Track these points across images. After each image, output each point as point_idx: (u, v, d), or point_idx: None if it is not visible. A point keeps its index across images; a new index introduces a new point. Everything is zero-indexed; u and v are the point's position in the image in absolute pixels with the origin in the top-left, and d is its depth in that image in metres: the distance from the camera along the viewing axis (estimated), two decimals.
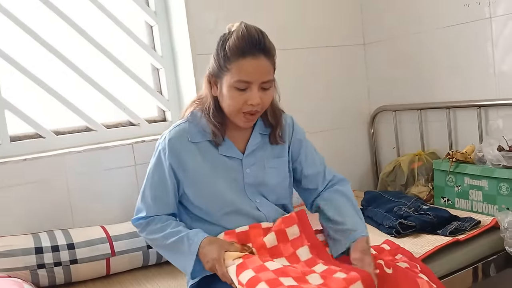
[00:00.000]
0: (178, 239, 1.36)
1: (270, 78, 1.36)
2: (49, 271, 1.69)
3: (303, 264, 1.32)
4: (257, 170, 1.45)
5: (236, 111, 1.37)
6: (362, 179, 2.81)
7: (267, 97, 1.37)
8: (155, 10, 2.32)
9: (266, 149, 1.48)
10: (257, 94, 1.34)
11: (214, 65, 1.39)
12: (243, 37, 1.31)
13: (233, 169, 1.43)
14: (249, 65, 1.31)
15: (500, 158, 2.00)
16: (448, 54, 2.36)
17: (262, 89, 1.35)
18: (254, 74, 1.32)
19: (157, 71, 2.39)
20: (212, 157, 1.43)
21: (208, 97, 1.43)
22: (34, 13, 2.07)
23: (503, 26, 2.12)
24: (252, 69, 1.32)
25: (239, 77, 1.32)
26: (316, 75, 2.62)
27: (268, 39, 1.36)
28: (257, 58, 1.32)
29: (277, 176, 1.49)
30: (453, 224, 1.89)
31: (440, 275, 1.72)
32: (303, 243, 1.37)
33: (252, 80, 1.33)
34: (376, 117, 2.77)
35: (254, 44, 1.32)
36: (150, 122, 2.34)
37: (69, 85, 2.15)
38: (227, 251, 1.30)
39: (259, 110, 1.37)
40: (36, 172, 1.91)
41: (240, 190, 1.44)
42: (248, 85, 1.33)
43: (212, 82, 1.41)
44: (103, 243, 1.78)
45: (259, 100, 1.34)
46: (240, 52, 1.31)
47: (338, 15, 2.69)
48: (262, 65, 1.33)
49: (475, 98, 2.25)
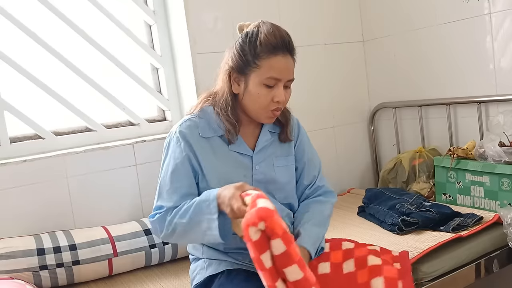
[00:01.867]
0: (195, 207, 1.29)
1: (293, 77, 1.40)
2: (51, 272, 1.68)
3: None
4: (265, 167, 1.45)
5: (262, 108, 1.37)
6: (362, 177, 2.81)
7: (288, 95, 1.41)
8: (154, 9, 2.31)
9: (275, 147, 1.49)
10: (283, 91, 1.37)
11: (239, 60, 1.36)
12: (274, 35, 1.33)
13: (243, 165, 1.43)
14: (280, 62, 1.33)
15: (501, 153, 1.99)
16: (447, 51, 2.36)
17: (285, 87, 1.39)
18: (284, 72, 1.35)
19: (156, 70, 2.39)
20: (223, 153, 1.42)
21: (225, 93, 1.41)
22: (33, 14, 2.06)
23: (502, 22, 2.12)
24: (283, 67, 1.34)
25: (270, 74, 1.33)
26: (315, 73, 2.62)
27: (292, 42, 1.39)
28: (286, 57, 1.35)
29: (286, 174, 1.49)
30: (456, 220, 1.89)
31: (443, 271, 1.73)
32: None
33: (282, 78, 1.35)
34: (376, 114, 2.77)
35: (284, 43, 1.34)
36: (150, 122, 2.33)
37: (68, 85, 2.14)
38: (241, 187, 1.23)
39: (282, 107, 1.41)
40: (37, 173, 1.90)
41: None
42: (276, 82, 1.35)
43: (233, 79, 1.39)
44: (105, 244, 1.77)
45: (283, 97, 1.37)
46: (272, 48, 1.32)
47: (337, 12, 2.69)
48: (290, 64, 1.36)
49: (475, 94, 2.26)
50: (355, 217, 2.20)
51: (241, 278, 1.34)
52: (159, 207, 1.37)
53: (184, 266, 1.84)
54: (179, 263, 1.90)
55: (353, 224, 2.10)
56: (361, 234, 1.96)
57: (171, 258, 1.90)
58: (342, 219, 2.19)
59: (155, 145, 2.12)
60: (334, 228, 2.05)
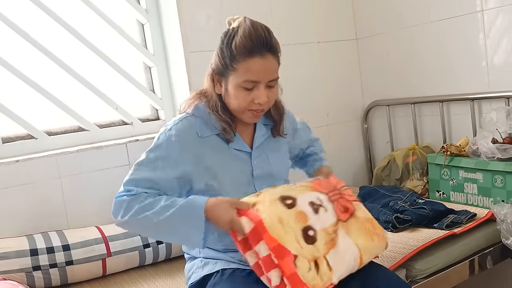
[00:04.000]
0: (177, 209, 1.23)
1: (276, 76, 1.35)
2: (45, 273, 1.67)
3: None
4: (263, 162, 1.45)
5: (242, 109, 1.35)
6: (356, 174, 2.82)
7: (273, 94, 1.37)
8: (146, 8, 2.30)
9: (270, 141, 1.50)
10: (264, 93, 1.32)
11: (219, 63, 1.35)
12: (250, 36, 1.29)
13: (242, 161, 1.43)
14: (256, 65, 1.29)
15: (494, 150, 2.00)
16: (440, 48, 2.37)
17: (268, 87, 1.34)
18: (262, 74, 1.30)
19: (149, 69, 2.38)
20: (222, 151, 1.40)
21: (212, 94, 1.40)
22: (24, 13, 2.04)
23: (494, 19, 2.13)
24: (260, 69, 1.30)
25: (246, 77, 1.30)
26: (308, 71, 2.62)
27: (274, 36, 1.34)
28: (264, 57, 1.30)
29: (281, 166, 1.51)
30: (449, 217, 1.89)
31: (437, 268, 1.73)
32: None
33: (260, 80, 1.31)
34: (370, 112, 2.77)
35: (261, 43, 1.29)
36: (143, 121, 2.32)
37: (60, 85, 2.13)
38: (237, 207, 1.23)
39: (265, 107, 1.37)
40: (29, 173, 1.89)
41: (249, 182, 1.43)
42: (255, 84, 1.32)
43: (215, 80, 1.38)
44: (99, 244, 1.77)
45: (266, 99, 1.33)
46: (247, 52, 1.28)
47: (330, 10, 2.69)
48: (269, 64, 1.31)
49: (468, 91, 2.26)
50: None
51: (237, 277, 1.33)
52: (129, 190, 1.28)
53: (178, 266, 1.83)
54: (173, 262, 1.89)
55: None
56: None
57: (165, 258, 1.90)
58: None
59: (149, 145, 2.09)
60: None
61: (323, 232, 1.24)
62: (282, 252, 1.15)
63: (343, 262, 1.22)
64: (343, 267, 1.22)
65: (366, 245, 1.28)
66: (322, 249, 1.21)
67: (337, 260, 1.21)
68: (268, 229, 1.17)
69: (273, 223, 1.18)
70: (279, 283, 1.15)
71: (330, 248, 1.22)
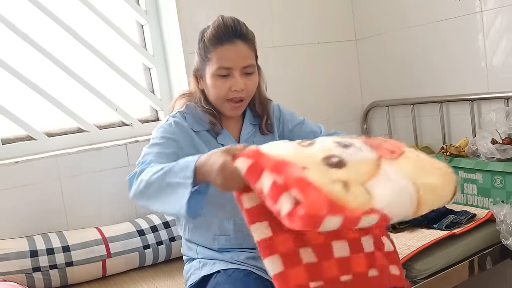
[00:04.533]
0: (167, 169, 1.15)
1: (251, 63, 1.38)
2: (45, 274, 1.67)
3: None
4: None
5: (221, 99, 1.38)
6: None
7: (251, 82, 1.39)
8: (145, 9, 2.30)
9: (257, 138, 1.49)
10: (240, 79, 1.36)
11: (197, 59, 1.43)
12: (219, 26, 1.35)
13: None
14: (227, 51, 1.34)
15: (494, 151, 2.00)
16: (440, 48, 2.37)
17: (245, 74, 1.37)
18: (234, 60, 1.34)
19: (149, 70, 2.38)
20: (212, 146, 1.41)
21: (197, 92, 1.46)
22: (23, 14, 2.04)
23: (493, 19, 2.13)
24: (231, 55, 1.34)
25: (219, 64, 1.35)
26: (308, 71, 2.62)
27: (245, 26, 1.38)
28: (235, 44, 1.34)
29: None
30: (449, 218, 1.89)
31: (436, 269, 1.73)
32: None
33: (232, 66, 1.35)
34: (369, 112, 2.77)
35: (230, 31, 1.34)
36: (143, 122, 2.32)
37: (60, 86, 2.13)
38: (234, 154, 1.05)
39: (244, 96, 1.38)
40: (29, 174, 1.89)
41: None
42: (229, 71, 1.35)
43: (198, 77, 1.45)
44: (99, 245, 1.77)
45: (243, 86, 1.36)
46: (217, 40, 1.34)
47: (329, 11, 2.69)
48: (241, 50, 1.35)
49: (467, 92, 2.26)
50: None
51: (235, 277, 1.33)
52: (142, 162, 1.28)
53: (178, 267, 1.83)
54: (173, 263, 1.89)
55: None
56: None
57: (165, 259, 1.90)
58: None
59: None
60: None
61: (357, 163, 0.96)
62: (287, 165, 0.89)
63: (392, 193, 0.91)
64: (393, 199, 0.91)
65: (425, 182, 0.96)
66: (356, 176, 0.92)
67: (382, 189, 0.91)
68: (271, 157, 0.94)
69: (279, 155, 0.94)
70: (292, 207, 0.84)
71: (370, 178, 0.93)
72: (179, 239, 1.58)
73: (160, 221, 1.91)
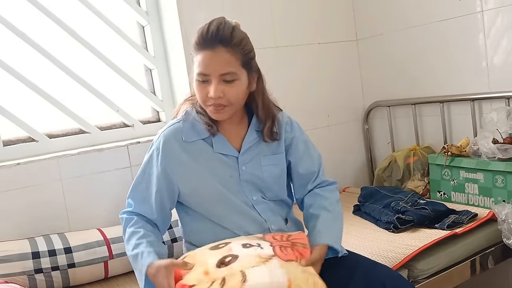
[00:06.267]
0: (134, 255, 1.34)
1: (229, 70, 1.33)
2: (47, 275, 1.67)
3: None
4: (252, 167, 1.44)
5: (202, 103, 1.39)
6: (357, 175, 2.82)
7: (231, 90, 1.34)
8: (146, 10, 2.30)
9: (262, 146, 1.47)
10: (216, 87, 1.33)
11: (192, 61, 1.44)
12: (202, 31, 1.34)
13: (228, 166, 1.43)
14: (205, 57, 1.32)
15: (495, 150, 2.00)
16: (441, 48, 2.37)
17: (225, 82, 1.34)
18: (210, 66, 1.32)
19: (150, 71, 2.38)
20: (208, 155, 1.42)
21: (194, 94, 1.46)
22: (25, 16, 2.04)
23: (494, 19, 2.13)
24: (208, 61, 1.32)
25: (198, 70, 1.35)
26: (309, 72, 2.62)
27: (231, 31, 1.34)
28: (214, 50, 1.32)
29: (274, 172, 1.47)
30: (450, 218, 1.89)
31: (438, 268, 1.74)
32: None
33: (209, 72, 1.33)
34: (371, 112, 2.77)
35: (211, 36, 1.32)
36: (144, 123, 2.32)
37: (61, 87, 2.13)
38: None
39: (223, 103, 1.36)
40: (30, 176, 1.89)
41: (237, 187, 1.43)
42: (207, 78, 1.34)
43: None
44: (101, 246, 1.77)
45: (219, 93, 1.33)
46: (199, 45, 1.34)
47: (330, 11, 2.69)
48: (219, 57, 1.32)
49: (468, 92, 2.27)
50: (350, 216, 2.20)
51: None
52: (129, 204, 1.45)
53: None
54: None
55: (349, 223, 2.09)
56: (356, 232, 1.96)
57: None
58: None
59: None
60: None
61: (249, 257, 1.16)
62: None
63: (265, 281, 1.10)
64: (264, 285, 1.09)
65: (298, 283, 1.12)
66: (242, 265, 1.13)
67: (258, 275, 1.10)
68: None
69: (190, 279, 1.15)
70: None
71: (254, 266, 1.13)
72: (181, 240, 1.58)
73: None
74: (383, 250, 1.73)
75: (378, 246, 1.77)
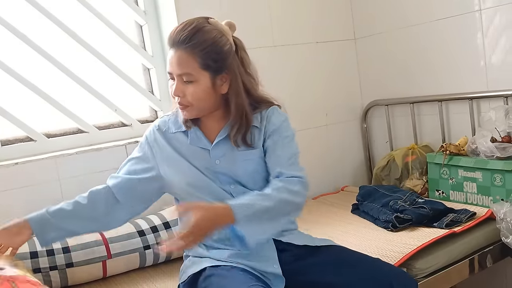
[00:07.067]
0: None
1: (184, 71, 1.35)
2: (45, 275, 1.67)
3: None
4: (227, 161, 1.44)
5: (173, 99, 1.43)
6: (356, 174, 2.82)
7: (189, 91, 1.37)
8: (144, 9, 2.30)
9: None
10: (177, 85, 1.38)
11: None
12: (171, 30, 1.39)
13: (204, 159, 1.45)
14: (170, 56, 1.38)
15: (493, 149, 2.00)
16: (439, 47, 2.37)
17: (185, 82, 1.38)
18: (171, 66, 1.38)
19: (148, 71, 2.38)
20: (185, 147, 1.47)
21: None
22: (23, 15, 2.04)
23: (492, 18, 2.13)
24: (171, 60, 1.38)
25: (167, 68, 1.41)
26: (307, 71, 2.62)
27: (195, 32, 1.35)
28: (176, 50, 1.37)
29: (248, 168, 1.44)
30: (449, 216, 1.89)
31: (437, 267, 1.74)
32: None
33: (171, 71, 1.39)
34: (369, 111, 2.77)
35: (171, 38, 1.38)
36: (143, 123, 2.32)
37: (59, 87, 2.12)
38: None
39: (184, 103, 1.39)
40: (29, 176, 1.89)
41: (213, 176, 1.44)
42: (172, 76, 1.40)
43: None
44: (99, 246, 1.76)
45: (178, 93, 1.38)
46: (168, 43, 1.40)
47: (328, 10, 2.69)
48: (178, 57, 1.36)
49: (466, 91, 2.26)
50: (349, 215, 2.20)
51: (224, 270, 1.35)
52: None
53: (178, 267, 1.80)
54: (173, 264, 1.89)
55: (347, 222, 2.10)
56: (355, 231, 1.96)
57: (166, 259, 1.89)
58: (336, 216, 2.19)
59: None
60: (328, 226, 2.05)
61: None
62: None
63: None
64: None
65: None
66: None
67: None
68: None
69: None
70: None
71: None
72: None
73: (161, 222, 1.91)
74: (381, 249, 1.73)
75: (377, 245, 1.77)
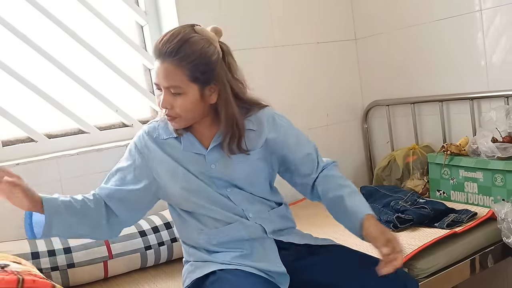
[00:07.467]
0: None
1: (172, 84, 1.32)
2: (46, 276, 1.66)
3: None
4: (222, 166, 1.43)
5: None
6: (356, 175, 2.82)
7: (178, 103, 1.34)
8: (145, 10, 2.30)
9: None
10: (165, 97, 1.34)
11: None
12: (157, 40, 1.34)
13: (199, 164, 1.42)
14: (156, 67, 1.34)
15: (494, 149, 2.00)
16: (439, 47, 2.37)
17: (173, 94, 1.34)
18: (158, 77, 1.34)
19: (149, 71, 2.38)
20: (178, 153, 1.43)
21: None
22: (24, 16, 2.04)
23: (493, 18, 2.13)
24: (157, 71, 1.34)
25: (153, 79, 1.38)
26: (308, 71, 2.62)
27: (181, 45, 1.31)
28: (162, 62, 1.32)
29: (245, 169, 1.44)
30: (450, 217, 1.90)
31: (438, 267, 1.74)
32: None
33: (158, 83, 1.35)
34: (370, 112, 2.77)
35: (160, 47, 1.32)
36: (144, 123, 2.30)
37: (60, 87, 2.13)
38: None
39: (172, 114, 1.36)
40: (29, 176, 1.85)
41: (209, 182, 1.43)
42: (159, 87, 1.36)
43: None
44: (100, 246, 1.77)
45: (166, 105, 1.34)
46: (153, 54, 1.35)
47: (329, 11, 2.69)
48: (165, 69, 1.32)
49: (467, 91, 2.26)
50: None
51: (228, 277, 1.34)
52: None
53: (180, 268, 1.81)
54: (174, 264, 1.89)
55: None
56: None
57: (167, 260, 1.90)
58: None
59: None
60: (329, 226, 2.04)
61: None
62: None
63: None
64: None
65: None
66: None
67: None
68: None
69: None
70: None
71: None
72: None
73: (162, 222, 1.91)
74: None
75: None
